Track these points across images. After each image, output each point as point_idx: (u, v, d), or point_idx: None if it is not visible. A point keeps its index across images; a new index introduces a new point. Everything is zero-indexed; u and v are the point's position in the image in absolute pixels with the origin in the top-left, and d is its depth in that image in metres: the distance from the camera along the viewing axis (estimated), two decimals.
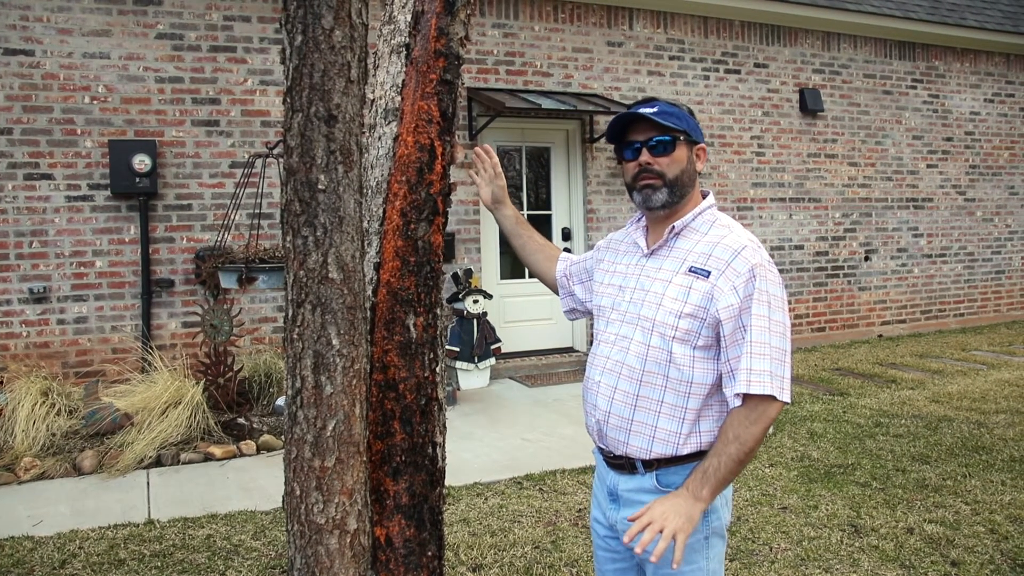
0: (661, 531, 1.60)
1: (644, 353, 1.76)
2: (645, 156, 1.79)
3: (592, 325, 7.58)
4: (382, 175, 1.90)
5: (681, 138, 1.79)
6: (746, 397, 1.66)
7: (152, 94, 6.03)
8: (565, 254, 2.23)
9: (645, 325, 1.77)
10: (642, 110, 1.79)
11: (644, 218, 1.92)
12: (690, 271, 1.74)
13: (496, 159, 2.24)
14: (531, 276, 7.70)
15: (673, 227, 1.81)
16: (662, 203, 1.80)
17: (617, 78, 7.70)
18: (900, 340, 8.95)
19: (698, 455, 1.74)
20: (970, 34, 9.30)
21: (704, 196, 1.87)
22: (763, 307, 1.67)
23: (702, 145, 1.85)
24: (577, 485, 4.30)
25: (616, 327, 1.84)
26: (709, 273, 1.71)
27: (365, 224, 1.86)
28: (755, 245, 1.74)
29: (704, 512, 1.70)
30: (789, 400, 1.68)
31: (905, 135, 9.33)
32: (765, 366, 1.64)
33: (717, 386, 1.74)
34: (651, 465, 1.76)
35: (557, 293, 2.20)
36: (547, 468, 4.57)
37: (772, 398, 1.64)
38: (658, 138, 1.78)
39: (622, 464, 1.82)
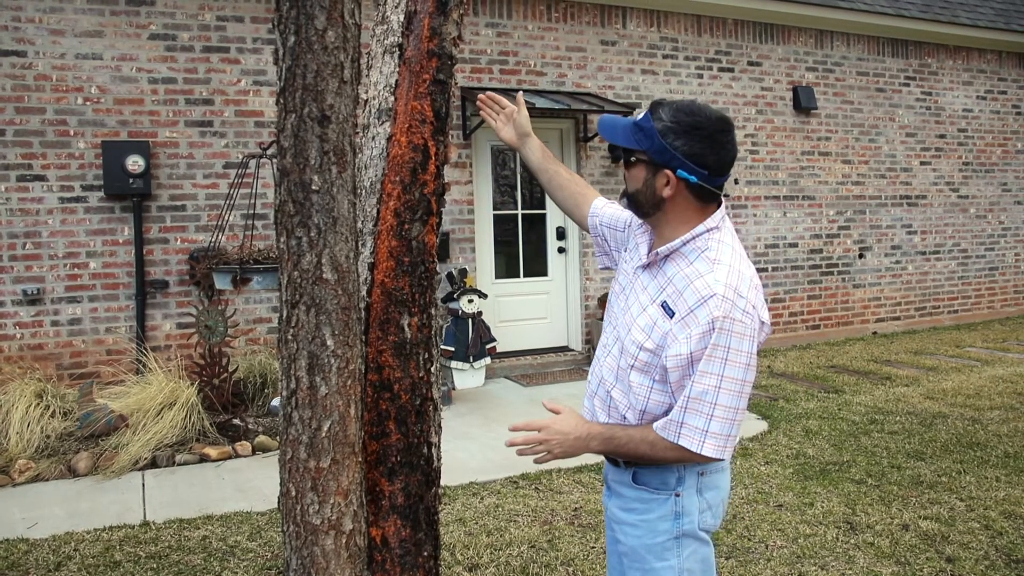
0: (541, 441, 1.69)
1: (615, 369, 1.76)
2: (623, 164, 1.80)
3: (587, 325, 7.60)
4: (376, 175, 1.90)
5: (634, 159, 1.70)
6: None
7: (145, 95, 6.01)
8: (597, 203, 2.07)
9: (618, 345, 1.76)
10: (624, 120, 1.74)
11: None
12: (662, 305, 1.65)
13: (501, 99, 2.18)
14: (527, 275, 7.73)
15: (658, 252, 1.70)
16: (631, 211, 1.82)
17: (611, 77, 7.71)
18: (894, 337, 8.98)
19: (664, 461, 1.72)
20: (962, 31, 9.32)
21: (709, 215, 1.68)
22: (715, 364, 1.55)
23: (666, 172, 1.63)
24: (573, 484, 4.30)
25: (608, 332, 1.84)
26: (674, 314, 1.61)
27: (359, 224, 1.86)
28: (729, 292, 1.56)
29: (676, 513, 1.72)
30: (725, 458, 1.62)
31: (898, 132, 9.35)
32: (700, 424, 1.58)
33: None
34: (629, 463, 1.78)
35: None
36: (542, 467, 4.57)
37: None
38: (622, 148, 1.74)
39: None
